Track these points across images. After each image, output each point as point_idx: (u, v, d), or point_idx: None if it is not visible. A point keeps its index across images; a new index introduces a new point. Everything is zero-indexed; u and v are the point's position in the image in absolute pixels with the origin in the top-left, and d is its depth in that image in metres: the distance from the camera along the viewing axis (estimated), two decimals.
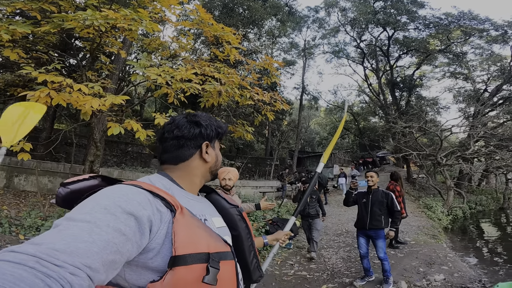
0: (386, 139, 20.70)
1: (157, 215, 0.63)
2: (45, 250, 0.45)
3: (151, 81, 4.19)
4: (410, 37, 19.83)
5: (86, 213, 0.55)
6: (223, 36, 4.69)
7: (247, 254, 0.95)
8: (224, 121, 1.99)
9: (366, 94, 26.94)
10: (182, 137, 0.84)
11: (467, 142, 13.31)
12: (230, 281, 0.72)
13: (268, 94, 5.25)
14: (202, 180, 0.90)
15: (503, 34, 16.70)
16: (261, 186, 13.83)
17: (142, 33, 10.27)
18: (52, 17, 3.02)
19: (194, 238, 0.65)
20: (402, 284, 3.84)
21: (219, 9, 15.52)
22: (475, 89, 18.34)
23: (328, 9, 22.82)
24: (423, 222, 8.12)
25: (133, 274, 0.62)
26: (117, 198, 0.59)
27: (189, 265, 0.61)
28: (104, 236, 0.52)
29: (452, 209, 10.70)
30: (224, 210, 0.95)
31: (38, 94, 2.86)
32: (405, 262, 4.74)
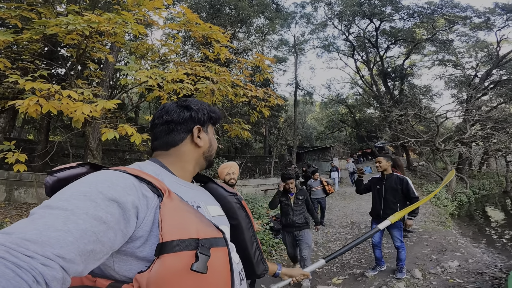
0: (382, 128, 20.78)
1: (143, 201, 0.59)
2: (15, 240, 0.43)
3: (142, 84, 4.09)
4: (396, 27, 20.20)
5: (64, 200, 0.51)
6: (211, 35, 4.63)
7: (249, 246, 0.88)
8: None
9: (359, 86, 27.07)
10: (172, 121, 0.81)
11: (463, 127, 13.42)
12: (223, 270, 0.65)
13: (262, 89, 5.18)
14: (196, 167, 0.85)
15: (486, 20, 17.12)
16: (262, 184, 13.76)
17: (129, 38, 10.13)
18: (33, 24, 2.89)
19: (183, 223, 0.61)
20: (416, 272, 3.74)
21: (206, 10, 15.43)
22: (465, 75, 18.68)
23: (314, 3, 22.99)
24: (428, 209, 8.06)
25: (122, 265, 0.59)
26: (99, 184, 0.56)
27: (177, 252, 0.57)
28: (81, 224, 0.48)
29: (456, 195, 10.68)
30: (222, 198, 0.90)
31: (27, 103, 2.77)
32: (415, 250, 4.65)
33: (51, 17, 3.41)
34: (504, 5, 16.29)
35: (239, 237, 0.87)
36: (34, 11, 3.25)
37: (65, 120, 14.90)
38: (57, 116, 13.15)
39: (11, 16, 3.02)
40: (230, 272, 0.67)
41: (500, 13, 16.51)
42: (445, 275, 3.66)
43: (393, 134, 15.09)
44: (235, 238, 0.86)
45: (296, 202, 3.76)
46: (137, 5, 3.90)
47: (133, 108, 8.98)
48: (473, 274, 3.62)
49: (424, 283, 3.48)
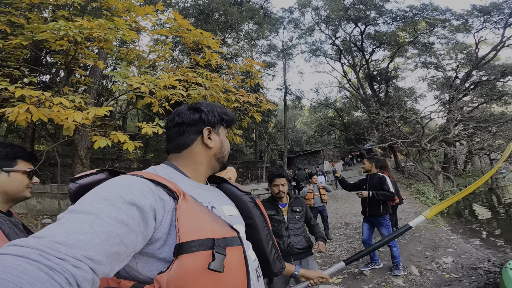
0: (370, 131, 21.20)
1: (160, 204, 0.62)
2: (47, 243, 0.44)
3: (133, 91, 4.02)
4: (380, 31, 20.94)
5: (87, 205, 0.54)
6: (202, 41, 4.62)
7: (265, 244, 0.89)
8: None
9: (346, 89, 27.62)
10: (182, 123, 0.83)
11: (447, 127, 13.85)
12: (239, 268, 0.67)
13: (253, 95, 5.21)
14: (208, 169, 0.86)
15: (464, 23, 17.88)
16: (255, 189, 13.71)
17: (117, 44, 10.01)
18: (23, 29, 2.83)
19: (198, 223, 0.63)
20: (412, 268, 3.81)
21: (195, 15, 15.50)
22: (447, 76, 19.32)
23: (301, 9, 23.48)
24: (418, 208, 8.24)
25: (145, 266, 0.61)
26: (118, 188, 0.58)
27: (194, 252, 0.59)
28: (106, 227, 0.51)
29: (444, 194, 10.95)
30: (236, 198, 0.91)
31: (17, 111, 2.67)
32: (410, 247, 4.73)
33: (39, 22, 3.34)
34: (481, 7, 17.00)
35: (255, 236, 0.88)
36: (21, 16, 3.18)
37: (50, 129, 14.50)
38: (41, 125, 12.80)
39: (0, 21, 2.94)
40: (246, 270, 0.68)
41: (477, 15, 17.19)
42: (441, 270, 3.74)
43: (380, 136, 15.41)
44: (251, 237, 0.86)
45: (291, 216, 2.52)
46: (127, 11, 3.87)
47: (121, 115, 8.81)
48: (468, 269, 3.70)
49: (421, 279, 3.54)
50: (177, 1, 17.20)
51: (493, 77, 16.66)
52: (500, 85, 17.37)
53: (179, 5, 16.42)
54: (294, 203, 2.62)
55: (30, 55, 5.52)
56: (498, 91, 16.63)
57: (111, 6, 3.74)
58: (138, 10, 3.84)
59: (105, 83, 12.89)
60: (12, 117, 2.66)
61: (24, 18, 3.24)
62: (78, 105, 3.34)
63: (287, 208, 2.56)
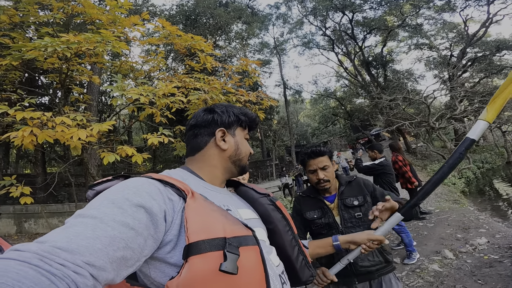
0: (375, 116, 20.97)
1: (169, 204, 0.59)
2: (47, 248, 0.43)
3: (133, 103, 3.94)
4: (368, 17, 20.98)
5: (93, 209, 0.53)
6: (194, 45, 4.55)
7: (289, 250, 0.80)
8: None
9: (344, 78, 27.42)
10: (196, 125, 0.82)
11: (452, 104, 13.64)
12: (255, 270, 0.60)
13: (253, 93, 5.12)
14: (224, 172, 0.82)
15: (447, 2, 17.91)
16: (266, 187, 13.60)
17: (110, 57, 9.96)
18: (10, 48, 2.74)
19: (208, 222, 0.59)
20: (446, 252, 3.61)
21: (182, 22, 15.50)
22: (442, 55, 19.26)
23: (288, 3, 23.58)
24: (439, 189, 7.97)
25: (157, 271, 0.58)
26: (126, 191, 0.56)
27: (204, 253, 0.54)
28: (110, 231, 0.48)
29: (462, 172, 10.63)
30: (254, 201, 0.83)
31: (21, 134, 2.62)
32: (438, 231, 4.53)
33: (24, 41, 3.27)
34: None
35: (278, 242, 0.80)
36: (6, 36, 3.11)
37: (59, 151, 14.61)
38: (50, 148, 12.91)
39: None
40: (265, 273, 0.61)
41: None
42: (477, 252, 3.54)
43: (386, 120, 15.20)
44: (274, 243, 0.79)
45: (346, 216, 1.57)
46: (113, 23, 3.77)
47: (125, 130, 8.77)
48: (506, 249, 3.49)
49: (458, 262, 3.35)
50: (162, 10, 17.18)
51: (488, 52, 16.59)
52: (497, 60, 17.29)
53: (164, 14, 16.35)
54: (347, 191, 1.61)
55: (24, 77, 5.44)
56: (496, 65, 16.57)
57: (94, 20, 3.64)
58: (124, 21, 3.76)
59: (104, 100, 12.88)
60: (18, 141, 2.61)
61: (9, 38, 3.18)
62: (81, 123, 3.29)
63: (336, 203, 1.60)
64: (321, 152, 1.57)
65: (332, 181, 1.59)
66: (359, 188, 1.62)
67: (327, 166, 1.56)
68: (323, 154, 1.57)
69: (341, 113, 27.57)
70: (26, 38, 3.29)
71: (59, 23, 3.70)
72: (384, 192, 1.61)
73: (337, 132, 30.24)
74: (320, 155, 1.57)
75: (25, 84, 5.04)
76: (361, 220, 1.54)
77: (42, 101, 10.55)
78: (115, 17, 3.49)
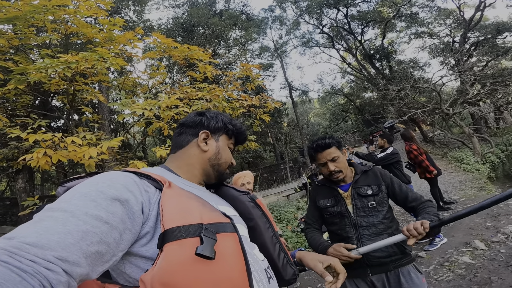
0: (385, 108, 20.58)
1: (145, 196, 0.58)
2: (16, 244, 0.41)
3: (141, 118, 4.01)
4: (362, 10, 20.96)
5: (64, 202, 0.51)
6: (192, 55, 4.63)
7: (270, 248, 0.79)
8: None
9: (349, 73, 27.10)
10: (183, 124, 0.85)
11: (463, 89, 13.20)
12: (234, 257, 0.58)
13: (256, 97, 5.12)
14: (202, 173, 0.82)
15: None
16: (283, 190, 13.68)
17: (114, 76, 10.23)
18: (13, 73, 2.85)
19: (184, 208, 0.58)
20: (477, 243, 3.41)
21: (180, 34, 15.89)
22: (444, 42, 18.89)
23: (281, 5, 23.69)
24: (462, 177, 7.64)
25: (132, 267, 0.56)
26: (99, 184, 0.54)
27: (179, 239, 0.53)
28: (82, 226, 0.47)
29: (485, 156, 10.16)
30: (234, 199, 0.83)
31: (35, 156, 2.69)
32: (466, 220, 4.27)
33: (27, 64, 3.42)
34: None
35: (259, 239, 0.78)
36: (10, 60, 3.22)
37: (80, 172, 15.08)
38: (72, 169, 13.31)
39: None
40: (245, 262, 0.59)
41: None
42: (511, 241, 3.32)
43: (397, 111, 14.85)
44: (255, 241, 0.78)
45: (360, 205, 1.53)
46: (109, 41, 3.86)
47: (139, 145, 8.94)
48: None
49: (491, 253, 3.14)
50: (159, 24, 17.65)
51: (490, 35, 16.21)
52: (500, 42, 16.83)
53: (162, 28, 16.79)
54: (362, 180, 1.56)
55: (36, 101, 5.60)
56: (500, 47, 16.08)
57: (91, 39, 3.73)
58: (119, 38, 3.86)
59: (116, 118, 13.24)
60: (34, 163, 2.70)
61: (13, 61, 3.28)
62: (91, 141, 3.37)
63: (350, 191, 1.56)
64: (327, 144, 1.53)
65: (345, 170, 1.55)
66: (375, 177, 1.58)
67: (336, 157, 1.52)
68: (330, 146, 1.53)
69: (351, 109, 27.16)
70: (29, 60, 3.37)
71: (57, 44, 3.81)
72: (403, 186, 1.56)
73: (350, 128, 29.71)
74: (327, 147, 1.53)
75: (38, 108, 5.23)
76: (375, 209, 1.50)
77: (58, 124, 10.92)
78: (110, 34, 3.55)
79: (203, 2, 19.12)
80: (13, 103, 3.55)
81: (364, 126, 28.57)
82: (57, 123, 11.20)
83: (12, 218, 11.32)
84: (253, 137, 5.50)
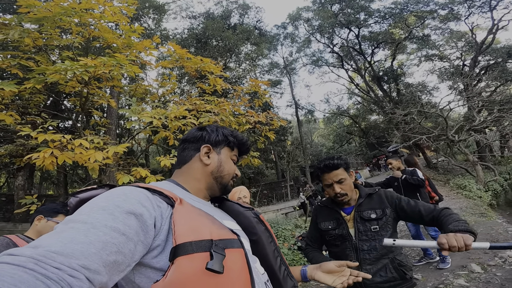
0: (390, 132, 20.54)
1: (157, 211, 0.61)
2: (42, 252, 0.43)
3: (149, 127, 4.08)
4: (374, 31, 21.09)
5: (84, 214, 0.54)
6: (203, 67, 4.70)
7: (272, 261, 0.83)
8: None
9: (356, 94, 27.14)
10: (186, 140, 0.89)
11: (470, 115, 13.20)
12: (240, 272, 0.63)
13: (263, 114, 5.18)
14: (206, 187, 0.86)
15: (450, 11, 17.91)
16: (282, 208, 13.56)
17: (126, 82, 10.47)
18: (33, 72, 2.95)
19: (195, 225, 0.62)
20: (473, 266, 3.37)
21: (193, 45, 16.19)
22: (454, 65, 18.90)
23: (294, 23, 24.08)
24: (463, 203, 7.55)
25: (142, 277, 0.59)
26: (115, 198, 0.58)
27: (190, 253, 0.56)
28: (102, 236, 0.50)
29: (488, 184, 10.05)
30: (239, 214, 0.86)
31: (42, 155, 2.75)
32: None
33: (47, 65, 3.53)
34: None
35: (261, 252, 0.82)
36: (31, 60, 3.30)
37: (81, 174, 15.14)
38: (72, 171, 13.38)
39: (11, 65, 3.06)
40: (250, 276, 0.64)
41: (460, 1, 17.14)
42: (508, 264, 3.28)
43: (402, 135, 14.83)
44: (257, 254, 0.81)
45: (362, 229, 1.52)
46: (127, 47, 4.02)
47: (142, 153, 9.04)
48: None
49: (487, 276, 3.11)
50: (174, 34, 18.08)
51: (500, 59, 16.20)
52: (510, 66, 16.82)
53: (177, 37, 17.18)
54: (366, 204, 1.54)
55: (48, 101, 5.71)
56: (510, 71, 16.05)
57: (111, 44, 3.84)
58: (137, 45, 3.97)
59: (123, 124, 13.41)
60: (39, 162, 2.73)
61: (34, 61, 3.36)
62: (98, 145, 3.42)
63: (352, 215, 1.54)
64: (335, 165, 1.50)
65: (351, 193, 1.53)
66: (379, 200, 1.53)
67: (343, 179, 1.50)
68: (338, 167, 1.50)
69: (356, 131, 27.13)
70: (49, 61, 3.46)
71: (78, 47, 3.97)
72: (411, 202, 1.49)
73: (353, 150, 29.59)
74: (334, 168, 1.50)
75: (49, 108, 5.37)
76: (378, 234, 1.46)
77: (66, 125, 11.06)
78: (129, 41, 3.68)
79: (218, 15, 19.62)
80: (26, 101, 3.67)
81: (367, 149, 28.42)
82: (65, 123, 11.36)
83: (6, 215, 11.13)
84: (257, 153, 5.52)
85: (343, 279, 1.00)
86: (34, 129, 3.12)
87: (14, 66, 3.10)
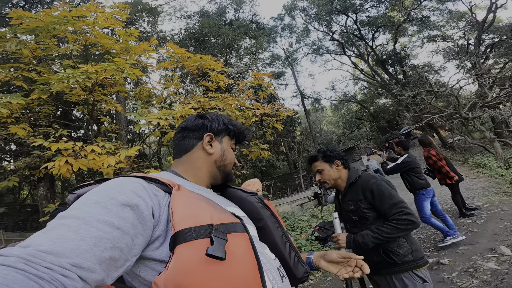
0: (401, 114, 20.10)
1: (155, 200, 0.58)
2: (31, 252, 0.41)
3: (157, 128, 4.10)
4: (372, 16, 20.78)
5: (76, 209, 0.51)
6: (204, 65, 4.69)
7: (281, 246, 0.79)
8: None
9: (362, 80, 26.67)
10: (186, 128, 0.86)
11: (482, 92, 12.75)
12: (246, 257, 0.58)
13: (268, 105, 5.13)
14: (209, 175, 0.83)
15: None
16: (296, 199, 13.54)
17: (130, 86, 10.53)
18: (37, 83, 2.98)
19: (194, 211, 0.59)
20: (502, 249, 3.23)
21: (192, 44, 16.16)
22: (458, 45, 18.38)
23: (290, 13, 23.93)
24: (485, 182, 7.32)
25: (147, 270, 0.56)
26: (109, 190, 0.55)
27: (190, 241, 0.53)
28: (94, 232, 0.47)
29: (508, 161, 9.71)
30: (242, 200, 0.83)
31: (57, 164, 2.80)
32: (490, 226, 4.09)
33: (50, 75, 3.59)
34: None
35: (268, 239, 0.79)
36: (33, 71, 3.34)
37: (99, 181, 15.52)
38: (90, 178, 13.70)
39: (14, 78, 3.10)
40: (257, 261, 0.59)
41: None
42: None
43: (413, 116, 14.47)
44: (265, 241, 0.78)
45: (346, 216, 1.75)
46: (126, 51, 4.01)
47: (154, 155, 9.13)
48: None
49: None
50: (172, 35, 18.06)
51: (505, 36, 15.73)
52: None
53: (175, 38, 17.18)
54: (349, 194, 1.68)
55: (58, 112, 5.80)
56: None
57: (109, 49, 3.85)
58: (135, 49, 3.98)
59: (133, 128, 13.59)
60: (56, 171, 2.79)
61: (36, 72, 3.40)
62: (110, 151, 3.46)
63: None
64: (313, 157, 1.76)
65: (332, 182, 1.71)
66: (356, 192, 1.63)
67: (321, 169, 1.72)
68: (316, 159, 1.74)
69: (365, 116, 26.67)
70: (51, 71, 3.49)
71: (77, 55, 3.96)
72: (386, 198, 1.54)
73: (364, 135, 29.10)
74: (313, 161, 1.76)
75: (60, 118, 5.46)
76: (359, 222, 1.62)
77: (79, 135, 11.29)
78: (127, 45, 3.67)
79: (213, 12, 19.56)
80: (36, 113, 3.72)
81: (379, 133, 27.90)
82: (78, 133, 11.59)
83: (33, 224, 11.71)
84: (266, 146, 5.47)
85: (349, 270, 0.94)
86: (46, 140, 3.16)
87: (18, 78, 3.14)
